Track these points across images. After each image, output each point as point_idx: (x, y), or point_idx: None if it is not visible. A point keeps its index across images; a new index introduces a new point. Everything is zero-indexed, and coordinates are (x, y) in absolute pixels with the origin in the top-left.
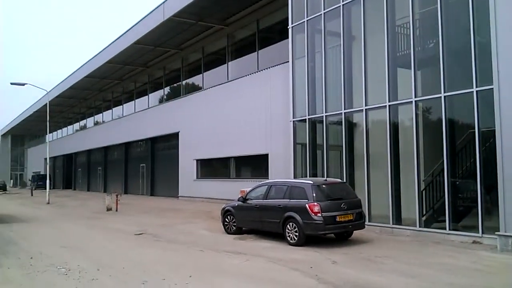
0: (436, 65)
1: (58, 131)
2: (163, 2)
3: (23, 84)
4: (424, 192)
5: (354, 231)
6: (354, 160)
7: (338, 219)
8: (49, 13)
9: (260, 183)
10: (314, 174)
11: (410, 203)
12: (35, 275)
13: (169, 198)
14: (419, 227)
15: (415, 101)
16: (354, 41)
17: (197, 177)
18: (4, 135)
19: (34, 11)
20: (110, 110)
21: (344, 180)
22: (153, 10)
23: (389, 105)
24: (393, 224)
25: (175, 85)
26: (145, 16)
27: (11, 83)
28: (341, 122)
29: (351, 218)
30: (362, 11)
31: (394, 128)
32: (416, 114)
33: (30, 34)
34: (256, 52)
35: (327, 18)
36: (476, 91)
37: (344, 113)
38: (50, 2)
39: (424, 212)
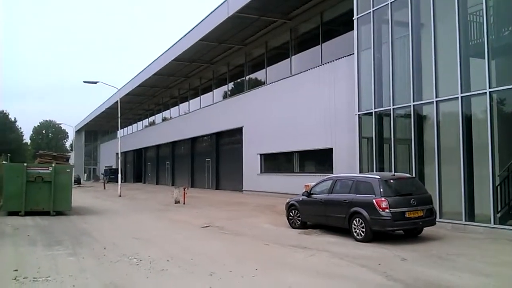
0: None
1: (129, 127)
2: None
3: (95, 82)
4: (499, 187)
5: (424, 228)
6: (424, 154)
7: (407, 215)
8: (116, 15)
9: (325, 177)
10: (381, 169)
11: (484, 199)
12: (108, 265)
13: (233, 192)
14: (494, 224)
15: (490, 92)
16: (423, 30)
17: (261, 172)
18: (78, 131)
19: (101, 14)
20: (177, 106)
21: (414, 175)
22: (217, 8)
23: (462, 97)
24: (465, 220)
25: (238, 80)
26: (209, 14)
27: (84, 81)
28: (410, 115)
29: (421, 214)
30: None
31: (467, 121)
32: (491, 106)
33: (100, 36)
34: (319, 45)
35: (394, 7)
36: None
37: (413, 105)
38: (117, 6)
39: (499, 209)
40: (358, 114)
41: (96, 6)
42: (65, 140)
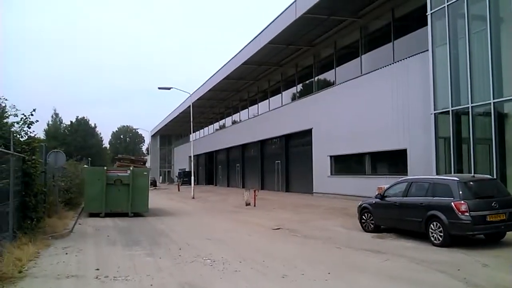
0: None
1: (200, 130)
2: (295, 1)
3: (169, 88)
4: None
5: (507, 232)
6: (506, 154)
7: (488, 218)
8: (185, 26)
9: (400, 179)
10: (459, 170)
11: None
12: (183, 265)
13: (303, 194)
14: None
15: None
16: (503, 24)
17: (331, 174)
18: (153, 136)
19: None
20: (246, 109)
21: (495, 177)
22: (285, 10)
23: None
24: None
25: (307, 82)
26: (277, 17)
27: (159, 88)
28: (490, 113)
29: (504, 218)
30: None
31: None
32: None
33: (169, 44)
34: (391, 43)
35: (471, 1)
36: None
37: (493, 103)
38: (184, 17)
39: None
40: (434, 113)
41: (166, 15)
42: (142, 144)
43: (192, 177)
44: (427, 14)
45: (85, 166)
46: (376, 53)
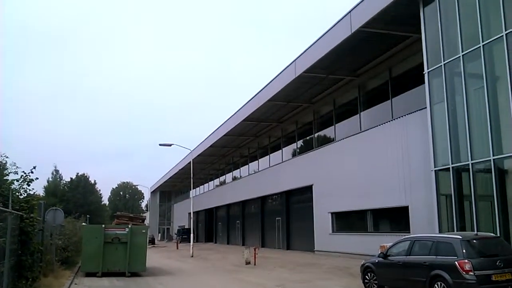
0: None
1: (200, 187)
2: (294, 60)
3: (170, 145)
4: None
5: None
6: (508, 211)
7: (493, 278)
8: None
9: (402, 238)
10: (462, 228)
11: None
12: None
13: (305, 252)
14: None
15: None
16: (499, 81)
17: (333, 231)
18: (153, 192)
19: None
20: (247, 166)
21: (498, 235)
22: (285, 68)
23: None
24: None
25: (307, 138)
26: (277, 75)
27: (160, 144)
28: (490, 169)
29: (509, 277)
30: (505, 50)
31: None
32: None
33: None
34: (389, 101)
35: (466, 59)
36: None
37: (493, 159)
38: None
39: None
40: (435, 170)
41: (167, 75)
42: (141, 201)
43: (192, 235)
44: (424, 72)
45: (83, 223)
46: (375, 110)
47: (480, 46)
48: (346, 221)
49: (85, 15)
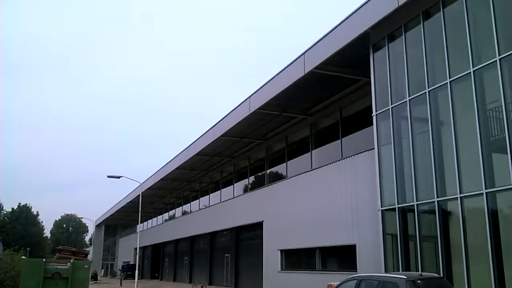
0: None
1: (148, 221)
2: (249, 97)
3: (119, 177)
4: None
5: None
6: (451, 252)
7: None
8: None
9: (349, 277)
10: (407, 268)
11: None
12: None
13: None
14: None
15: None
16: (443, 126)
17: (281, 269)
18: (98, 226)
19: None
20: (197, 200)
21: (441, 275)
22: (239, 105)
23: (486, 193)
24: None
25: (259, 174)
26: (231, 110)
27: (108, 176)
28: (434, 210)
29: None
30: (449, 96)
31: (494, 217)
32: None
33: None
34: (339, 140)
35: (413, 104)
36: None
37: (437, 201)
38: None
39: None
40: (381, 210)
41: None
42: (85, 234)
43: (137, 271)
44: (372, 115)
45: (23, 257)
46: (325, 148)
47: (426, 92)
48: (295, 259)
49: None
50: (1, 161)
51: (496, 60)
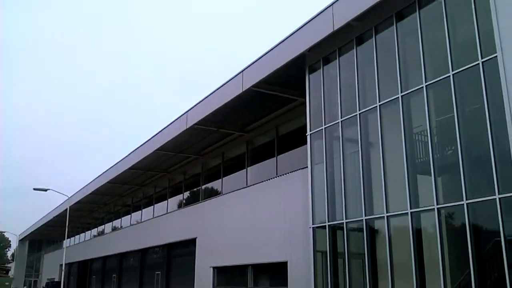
0: (456, 172)
1: (76, 236)
2: (186, 112)
3: (46, 190)
4: None
5: None
6: (378, 269)
7: None
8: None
9: None
10: (335, 284)
11: None
12: None
13: None
14: None
15: (437, 208)
16: (372, 147)
17: (214, 286)
18: (21, 240)
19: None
20: (129, 216)
21: None
22: (176, 119)
23: (411, 212)
24: None
25: (194, 189)
26: (168, 125)
27: (34, 189)
28: (362, 229)
29: None
30: (378, 119)
31: (418, 236)
32: (439, 222)
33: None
34: (275, 158)
35: (345, 125)
36: (499, 198)
37: (365, 219)
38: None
39: None
40: (312, 227)
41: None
42: (7, 250)
43: None
44: (306, 134)
45: None
46: (261, 166)
47: (357, 114)
48: (228, 276)
49: None
50: None
51: (422, 87)
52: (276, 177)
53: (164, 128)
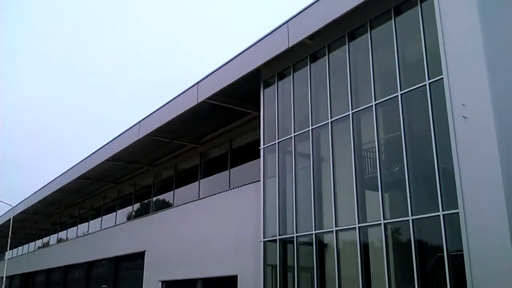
0: (403, 188)
1: (19, 248)
2: (139, 121)
3: None
4: None
5: None
6: (326, 283)
7: None
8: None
9: None
10: None
11: None
12: None
13: None
14: None
15: (384, 223)
16: (323, 163)
17: None
18: None
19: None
20: (76, 227)
21: None
22: (129, 128)
23: (359, 227)
24: None
25: (145, 201)
26: (120, 134)
27: None
28: (312, 242)
29: None
30: (330, 135)
31: (365, 250)
32: (386, 237)
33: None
34: (228, 171)
35: (297, 140)
36: (443, 214)
37: (315, 233)
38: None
39: None
40: (263, 241)
41: None
42: None
43: None
44: (260, 148)
45: None
46: (214, 178)
47: (309, 130)
48: None
49: None
50: None
51: (372, 105)
52: (229, 190)
53: (116, 138)
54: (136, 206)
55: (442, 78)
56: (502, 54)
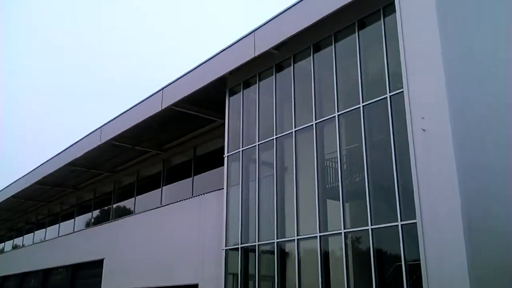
0: (363, 198)
1: None
2: (101, 126)
3: None
4: None
5: None
6: None
7: None
8: None
9: None
10: None
11: None
12: None
13: None
14: None
15: (344, 232)
16: (286, 172)
17: None
18: None
19: None
20: (32, 234)
21: None
22: (90, 133)
23: (320, 236)
24: None
25: (105, 208)
26: (80, 139)
27: None
28: (274, 251)
29: None
30: (293, 145)
31: (325, 259)
32: (346, 245)
33: None
34: (191, 178)
35: (261, 149)
36: (401, 224)
37: (277, 242)
38: None
39: None
40: (225, 249)
41: None
42: None
43: None
44: (224, 156)
45: None
46: (177, 186)
47: (273, 139)
48: None
49: None
50: None
51: (335, 116)
52: (191, 197)
53: (77, 142)
54: (96, 213)
55: (403, 91)
56: (462, 69)
